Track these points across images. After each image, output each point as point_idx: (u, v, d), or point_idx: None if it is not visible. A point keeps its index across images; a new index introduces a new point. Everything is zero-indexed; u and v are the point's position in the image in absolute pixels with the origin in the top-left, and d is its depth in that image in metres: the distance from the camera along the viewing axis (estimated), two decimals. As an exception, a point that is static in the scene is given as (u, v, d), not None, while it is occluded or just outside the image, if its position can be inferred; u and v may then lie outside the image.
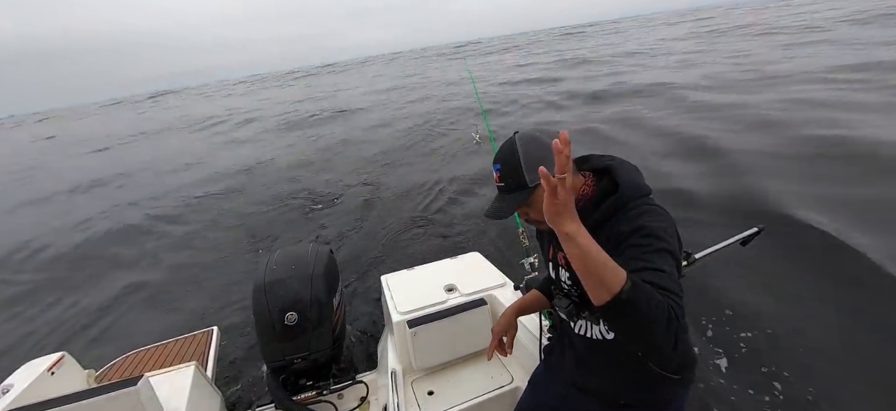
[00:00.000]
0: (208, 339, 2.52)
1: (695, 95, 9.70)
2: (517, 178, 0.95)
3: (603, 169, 1.00)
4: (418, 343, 1.85)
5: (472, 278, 2.21)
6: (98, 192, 9.61)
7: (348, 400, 2.03)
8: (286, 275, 1.94)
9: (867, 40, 13.76)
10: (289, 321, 1.83)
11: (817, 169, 4.78)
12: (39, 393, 1.57)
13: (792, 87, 9.00)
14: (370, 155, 9.59)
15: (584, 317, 1.05)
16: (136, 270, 5.05)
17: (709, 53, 17.35)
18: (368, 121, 13.83)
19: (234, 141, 14.38)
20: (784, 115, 6.91)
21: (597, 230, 0.92)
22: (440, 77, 26.26)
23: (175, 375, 1.84)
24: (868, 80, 8.45)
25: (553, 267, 1.12)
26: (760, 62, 12.84)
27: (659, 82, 12.02)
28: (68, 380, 1.85)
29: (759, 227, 1.62)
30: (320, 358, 1.96)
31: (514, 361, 1.93)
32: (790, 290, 3.07)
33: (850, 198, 4.00)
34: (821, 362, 2.48)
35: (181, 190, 8.62)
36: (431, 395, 1.81)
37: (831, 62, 10.87)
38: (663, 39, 28.14)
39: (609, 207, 0.91)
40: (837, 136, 5.48)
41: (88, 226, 6.92)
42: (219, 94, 55.38)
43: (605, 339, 1.02)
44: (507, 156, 0.96)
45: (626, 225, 0.87)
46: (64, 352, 1.90)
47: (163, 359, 2.33)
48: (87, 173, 11.79)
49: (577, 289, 1.03)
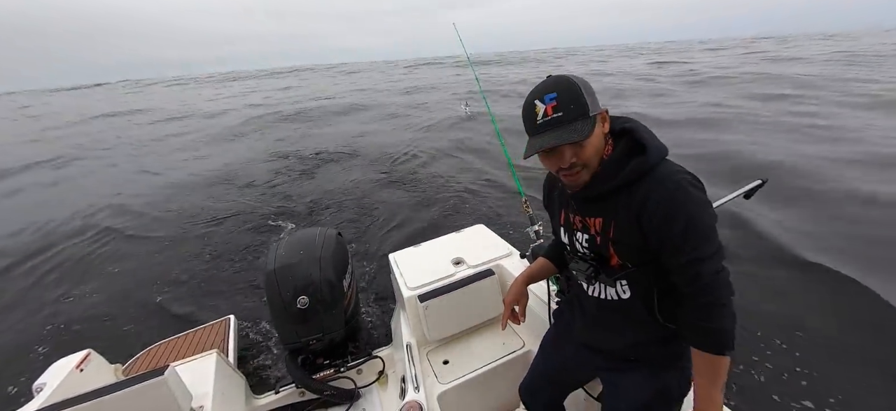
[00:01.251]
0: (226, 327, 2.60)
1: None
2: (580, 105, 0.87)
3: (621, 130, 0.97)
4: (430, 315, 1.90)
5: (479, 250, 2.24)
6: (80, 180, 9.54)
7: (367, 375, 2.10)
8: (295, 259, 1.97)
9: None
10: (301, 304, 1.88)
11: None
12: (71, 390, 1.63)
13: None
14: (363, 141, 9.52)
15: (600, 280, 1.06)
16: (143, 267, 5.12)
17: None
18: (355, 110, 13.59)
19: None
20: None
21: (620, 191, 0.92)
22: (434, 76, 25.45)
23: (199, 363, 1.90)
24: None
25: (566, 231, 1.11)
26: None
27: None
28: (97, 376, 1.92)
29: (763, 180, 1.62)
30: (335, 337, 2.03)
31: (525, 327, 1.98)
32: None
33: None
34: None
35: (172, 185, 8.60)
36: (447, 364, 1.87)
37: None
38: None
39: (635, 169, 0.90)
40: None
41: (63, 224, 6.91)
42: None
43: (621, 299, 1.03)
44: (564, 84, 0.88)
45: (659, 199, 0.87)
46: (89, 350, 1.97)
47: (185, 350, 2.41)
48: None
49: (595, 251, 1.04)
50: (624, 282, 1.01)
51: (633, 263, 0.97)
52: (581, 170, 0.92)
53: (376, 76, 41.61)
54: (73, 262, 5.64)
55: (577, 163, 0.91)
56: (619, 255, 0.98)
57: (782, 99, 11.22)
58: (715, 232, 0.88)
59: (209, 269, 4.74)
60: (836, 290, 3.07)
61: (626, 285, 1.01)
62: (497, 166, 6.96)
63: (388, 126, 12.09)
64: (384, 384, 2.08)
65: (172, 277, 4.71)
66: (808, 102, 10.44)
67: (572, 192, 1.02)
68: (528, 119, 0.91)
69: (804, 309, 2.90)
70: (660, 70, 24.30)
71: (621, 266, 0.99)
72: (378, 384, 2.07)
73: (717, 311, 0.87)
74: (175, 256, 5.25)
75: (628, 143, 0.94)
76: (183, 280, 4.60)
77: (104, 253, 5.80)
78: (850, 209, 4.30)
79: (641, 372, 1.09)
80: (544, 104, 0.88)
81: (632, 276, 1.00)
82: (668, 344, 1.05)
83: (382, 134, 11.01)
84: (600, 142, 0.93)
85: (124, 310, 4.18)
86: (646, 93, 15.06)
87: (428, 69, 48.64)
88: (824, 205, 4.46)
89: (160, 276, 4.79)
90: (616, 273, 1.01)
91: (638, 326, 1.04)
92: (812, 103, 10.25)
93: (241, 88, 39.38)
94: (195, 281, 4.53)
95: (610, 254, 1.00)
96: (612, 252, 0.99)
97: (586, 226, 1.03)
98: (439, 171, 7.05)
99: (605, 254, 1.01)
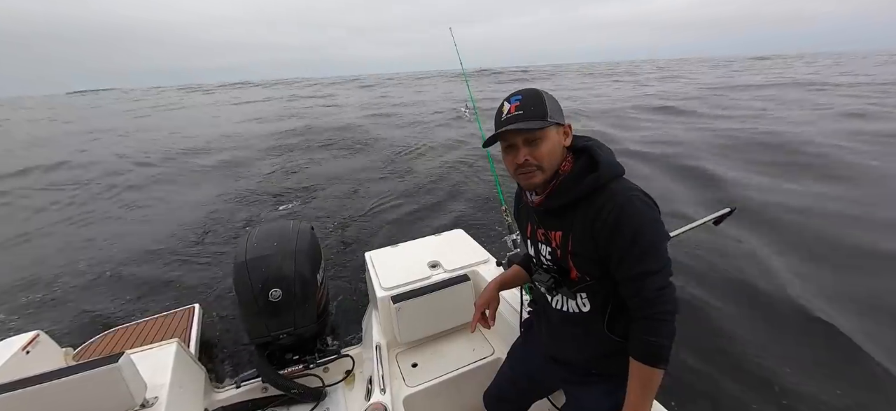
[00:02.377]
0: (190, 316, 2.50)
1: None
2: (540, 108, 0.96)
3: (580, 148, 1.03)
4: (402, 317, 1.89)
5: (456, 255, 2.24)
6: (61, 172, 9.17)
7: (334, 374, 2.06)
8: (269, 251, 1.92)
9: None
10: (273, 297, 1.83)
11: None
12: (15, 373, 1.54)
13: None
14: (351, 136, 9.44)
15: (562, 292, 1.09)
16: (107, 249, 4.89)
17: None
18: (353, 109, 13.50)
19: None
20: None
21: (577, 204, 0.97)
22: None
23: (157, 352, 1.82)
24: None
25: (532, 243, 1.15)
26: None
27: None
28: (45, 359, 1.81)
29: (731, 208, 1.69)
30: (305, 333, 1.98)
31: (495, 334, 1.99)
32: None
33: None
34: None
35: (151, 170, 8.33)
36: (415, 367, 1.86)
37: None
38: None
39: (589, 184, 0.95)
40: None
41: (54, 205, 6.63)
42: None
43: (581, 312, 1.06)
44: (531, 92, 0.99)
45: (611, 213, 0.91)
46: (39, 331, 1.86)
47: (144, 337, 2.31)
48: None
49: (557, 264, 1.07)
50: (584, 295, 1.04)
51: (591, 276, 1.01)
52: (535, 170, 0.97)
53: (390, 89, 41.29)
54: (35, 236, 5.35)
55: (531, 163, 0.97)
56: (578, 268, 1.02)
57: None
58: (663, 248, 0.93)
59: (178, 255, 4.57)
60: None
61: (586, 298, 1.04)
62: (482, 174, 7.02)
63: (385, 131, 12.02)
64: (351, 383, 2.04)
65: (138, 260, 4.52)
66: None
67: (534, 206, 1.06)
68: (497, 116, 1.00)
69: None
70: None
71: (580, 279, 1.03)
72: (345, 383, 2.03)
73: (657, 326, 0.91)
74: (144, 239, 5.05)
75: (585, 161, 1.00)
76: (150, 264, 4.42)
77: (69, 228, 5.53)
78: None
79: (601, 388, 1.11)
80: (509, 104, 0.98)
81: (591, 289, 1.03)
82: (627, 358, 1.07)
83: (375, 133, 10.94)
84: (557, 149, 0.98)
85: (83, 291, 3.98)
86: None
87: (438, 80, 48.33)
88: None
89: (126, 258, 4.59)
90: (576, 284, 1.04)
91: (597, 340, 1.06)
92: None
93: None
94: (163, 265, 4.35)
95: (569, 267, 1.03)
96: (571, 265, 1.02)
97: (548, 238, 1.07)
98: (424, 174, 7.04)
99: (565, 266, 1.04)
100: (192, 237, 5.00)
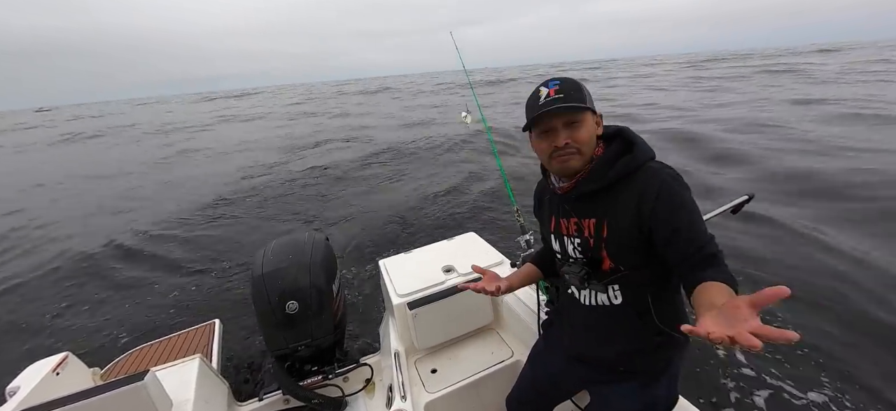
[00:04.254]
0: (211, 332, 2.54)
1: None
2: (580, 94, 0.96)
3: (611, 135, 1.04)
4: (419, 323, 1.88)
5: (469, 258, 2.23)
6: (75, 190, 9.45)
7: (354, 383, 2.07)
8: (284, 264, 1.94)
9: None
10: (290, 309, 1.85)
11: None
12: (46, 394, 1.58)
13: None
14: (358, 146, 9.51)
15: (592, 286, 1.06)
16: (131, 269, 5.02)
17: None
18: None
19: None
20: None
21: (613, 188, 0.97)
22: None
23: (181, 368, 1.85)
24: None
25: (557, 237, 1.11)
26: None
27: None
28: (74, 380, 1.86)
29: (749, 195, 1.65)
30: (323, 343, 1.99)
31: (513, 336, 1.98)
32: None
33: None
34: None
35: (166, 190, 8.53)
36: (434, 373, 1.85)
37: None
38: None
39: (626, 164, 0.96)
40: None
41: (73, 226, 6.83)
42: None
43: (613, 305, 1.04)
44: (569, 80, 0.99)
45: (657, 188, 0.91)
46: (68, 352, 1.91)
47: (167, 354, 2.35)
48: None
49: (588, 255, 1.04)
50: (616, 286, 1.02)
51: (625, 266, 0.98)
52: (574, 154, 0.97)
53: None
54: (65, 261, 5.52)
55: (570, 145, 0.96)
56: (612, 257, 0.99)
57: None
58: (691, 195, 0.94)
59: (196, 273, 4.66)
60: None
61: (617, 290, 1.02)
62: (490, 176, 7.00)
63: (389, 133, 12.12)
64: (371, 392, 2.05)
65: (158, 281, 4.62)
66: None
67: (563, 193, 1.04)
68: (532, 101, 0.98)
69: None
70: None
71: (613, 269, 1.00)
72: (365, 392, 2.04)
73: (726, 268, 0.85)
74: (162, 258, 5.17)
75: (619, 144, 1.00)
76: (169, 283, 4.51)
77: (94, 253, 5.69)
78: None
79: (629, 385, 1.08)
80: (548, 89, 0.97)
81: (624, 280, 1.00)
82: (658, 352, 1.05)
83: (379, 138, 11.03)
84: (593, 135, 0.99)
85: (107, 313, 4.09)
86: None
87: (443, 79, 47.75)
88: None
89: (146, 279, 4.70)
90: (608, 276, 1.01)
91: (628, 334, 1.04)
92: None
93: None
94: (181, 284, 4.45)
95: (602, 257, 1.00)
96: (605, 254, 0.99)
97: (580, 228, 1.03)
98: (433, 179, 7.06)
99: (597, 257, 1.01)
100: (210, 253, 5.09)
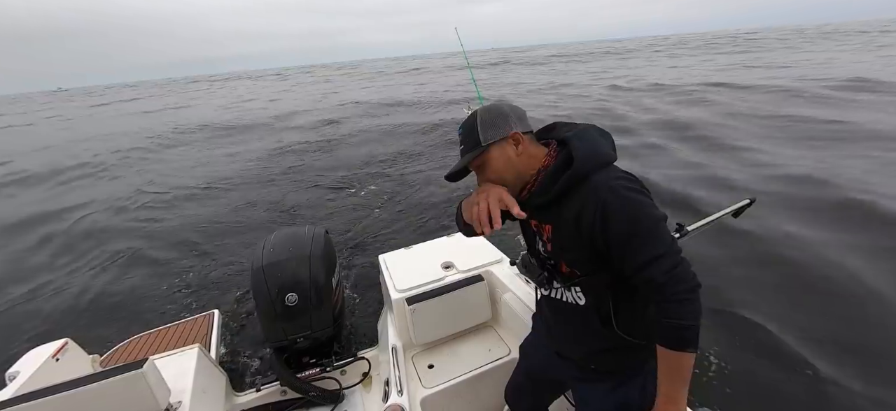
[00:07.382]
0: (210, 322, 2.55)
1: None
2: (473, 137, 0.99)
3: (563, 140, 0.98)
4: (417, 319, 1.89)
5: (469, 255, 2.23)
6: (83, 178, 9.46)
7: (351, 376, 2.08)
8: (284, 256, 1.95)
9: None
10: (289, 301, 1.86)
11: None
12: (45, 380, 1.59)
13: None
14: (359, 140, 9.49)
15: (560, 283, 1.06)
16: (132, 257, 5.03)
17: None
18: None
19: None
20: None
21: (558, 202, 0.93)
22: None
23: (180, 357, 1.86)
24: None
25: (527, 234, 1.12)
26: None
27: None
28: (73, 366, 1.87)
29: (751, 199, 1.65)
30: (322, 336, 2.01)
31: (511, 334, 1.98)
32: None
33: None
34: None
35: (167, 179, 8.54)
36: (432, 369, 1.86)
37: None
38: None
39: (565, 182, 0.90)
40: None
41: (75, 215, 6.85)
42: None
43: (577, 305, 1.03)
44: (467, 120, 1.03)
45: (595, 207, 0.86)
46: (67, 339, 1.92)
47: (166, 343, 2.36)
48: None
49: (552, 260, 1.04)
50: (577, 288, 1.02)
51: (580, 271, 0.98)
52: (498, 184, 0.98)
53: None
54: (60, 246, 5.54)
55: (487, 180, 1.00)
56: (567, 263, 1.00)
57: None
58: (662, 229, 0.86)
59: (196, 263, 4.67)
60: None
61: (580, 292, 1.02)
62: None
63: (388, 122, 12.08)
64: (368, 386, 2.06)
65: (159, 268, 4.64)
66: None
67: (523, 200, 1.02)
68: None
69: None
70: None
71: (571, 273, 1.01)
72: (362, 386, 2.05)
73: (675, 308, 0.83)
74: (164, 247, 5.18)
75: (564, 155, 0.95)
76: (170, 272, 4.53)
77: (90, 239, 5.71)
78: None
79: (605, 384, 1.08)
80: (458, 135, 1.06)
81: (584, 284, 1.00)
82: (628, 354, 1.03)
83: (379, 131, 11.00)
84: (510, 161, 0.98)
85: (108, 300, 4.10)
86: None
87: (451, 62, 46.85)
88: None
89: (147, 266, 4.71)
90: (567, 280, 1.02)
91: (594, 334, 1.03)
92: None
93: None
94: (182, 273, 4.46)
95: (560, 261, 1.02)
96: (562, 259, 1.01)
97: (541, 232, 1.04)
98: (432, 175, 7.04)
99: (556, 260, 1.03)
100: (210, 245, 5.10)
